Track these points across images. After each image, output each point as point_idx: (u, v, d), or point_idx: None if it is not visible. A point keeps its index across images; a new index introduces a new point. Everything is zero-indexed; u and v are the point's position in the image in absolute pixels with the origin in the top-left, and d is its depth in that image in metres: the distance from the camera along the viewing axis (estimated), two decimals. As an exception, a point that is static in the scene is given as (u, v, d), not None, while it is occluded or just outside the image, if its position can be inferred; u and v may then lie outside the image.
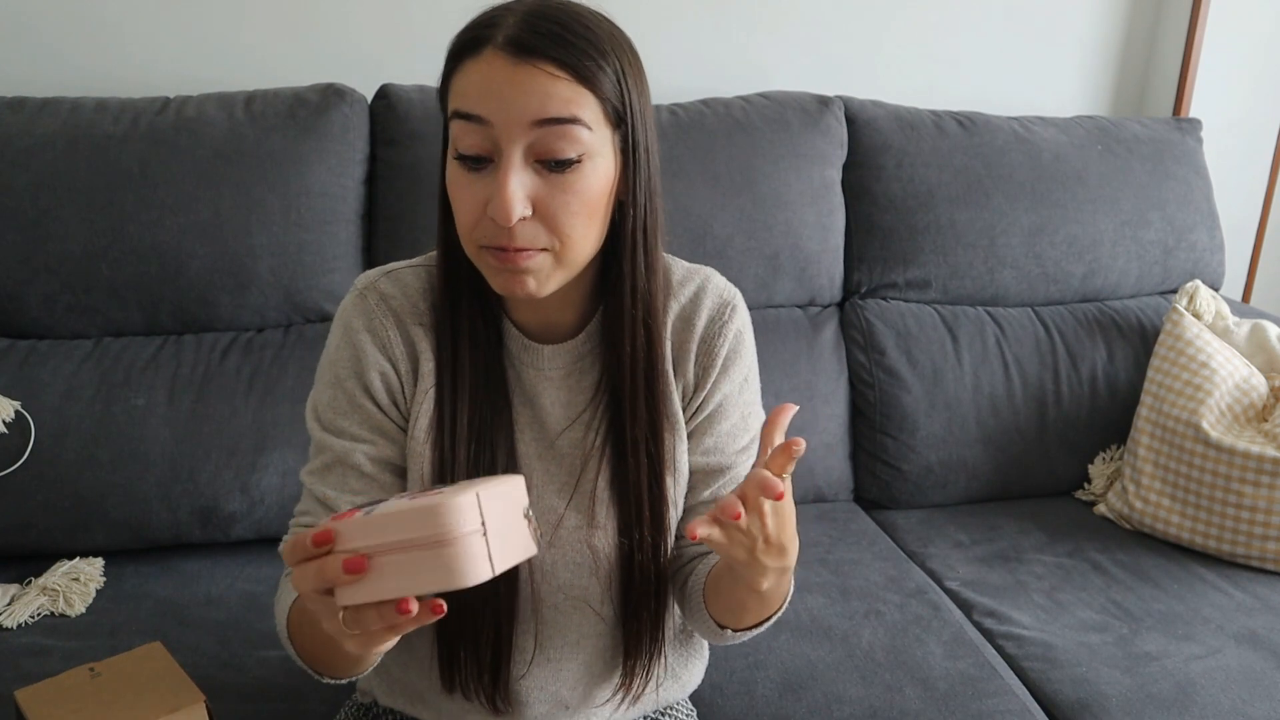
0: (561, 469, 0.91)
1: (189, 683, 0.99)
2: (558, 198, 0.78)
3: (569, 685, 0.94)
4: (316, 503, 0.89)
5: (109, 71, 1.65)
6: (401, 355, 0.89)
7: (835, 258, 1.73)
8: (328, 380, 0.90)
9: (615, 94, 0.79)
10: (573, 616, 0.93)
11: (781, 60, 1.91)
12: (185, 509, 1.40)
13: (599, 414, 0.90)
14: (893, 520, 1.65)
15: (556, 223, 0.78)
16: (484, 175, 0.78)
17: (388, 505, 0.65)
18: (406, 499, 0.66)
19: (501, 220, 0.76)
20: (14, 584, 1.34)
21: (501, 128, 0.76)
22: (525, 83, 0.75)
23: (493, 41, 0.77)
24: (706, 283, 0.93)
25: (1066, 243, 1.78)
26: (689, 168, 1.62)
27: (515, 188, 0.76)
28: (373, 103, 1.60)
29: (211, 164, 1.46)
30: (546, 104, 0.76)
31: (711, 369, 0.92)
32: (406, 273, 0.91)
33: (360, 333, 0.89)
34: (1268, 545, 1.49)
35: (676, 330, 0.92)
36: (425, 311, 0.89)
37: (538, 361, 0.90)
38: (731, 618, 0.88)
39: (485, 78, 0.76)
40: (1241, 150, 2.16)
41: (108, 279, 1.45)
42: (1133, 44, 2.09)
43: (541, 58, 0.76)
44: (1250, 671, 1.26)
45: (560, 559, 0.91)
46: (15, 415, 1.37)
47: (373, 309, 0.89)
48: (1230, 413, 1.58)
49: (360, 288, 0.91)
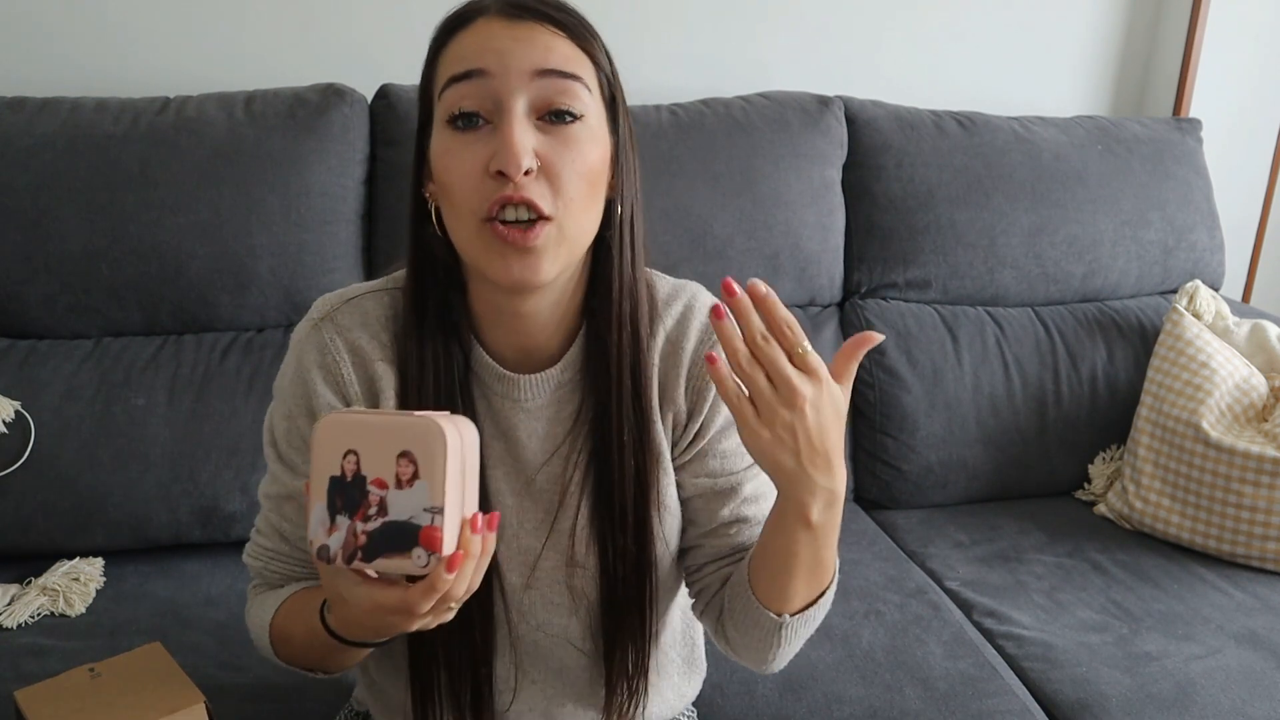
0: (539, 506, 0.86)
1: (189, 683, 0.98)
2: (561, 153, 0.74)
3: (557, 705, 0.93)
4: (273, 530, 0.89)
5: (109, 71, 1.65)
6: (357, 394, 0.84)
7: (835, 258, 1.73)
8: (282, 412, 0.86)
9: (608, 70, 0.79)
10: (554, 651, 0.90)
11: (781, 60, 1.91)
12: (185, 509, 1.40)
13: (579, 446, 0.85)
14: (893, 520, 1.65)
15: (561, 181, 0.74)
16: (481, 136, 0.74)
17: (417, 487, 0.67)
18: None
19: (511, 168, 0.71)
20: (14, 584, 1.34)
21: (501, 78, 0.73)
22: (525, 36, 0.74)
23: (485, 12, 0.75)
24: (693, 301, 0.88)
25: (1066, 243, 1.78)
26: (689, 168, 1.62)
27: (521, 135, 0.72)
28: (373, 103, 1.60)
29: (211, 164, 1.46)
30: (548, 55, 0.74)
31: (706, 393, 0.87)
32: (368, 299, 0.86)
33: (312, 370, 0.84)
34: (1268, 545, 1.49)
35: (664, 356, 0.86)
36: (387, 344, 0.84)
37: (514, 392, 0.85)
38: (783, 592, 0.81)
39: (482, 37, 0.74)
40: (1241, 150, 2.16)
41: (108, 279, 1.45)
42: (1133, 44, 2.09)
43: (540, 18, 0.75)
44: (1250, 671, 1.26)
45: (539, 599, 0.87)
46: (15, 415, 1.37)
47: (326, 344, 0.84)
48: (1230, 413, 1.58)
49: (315, 318, 0.85)
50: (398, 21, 1.73)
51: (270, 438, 0.88)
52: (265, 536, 0.91)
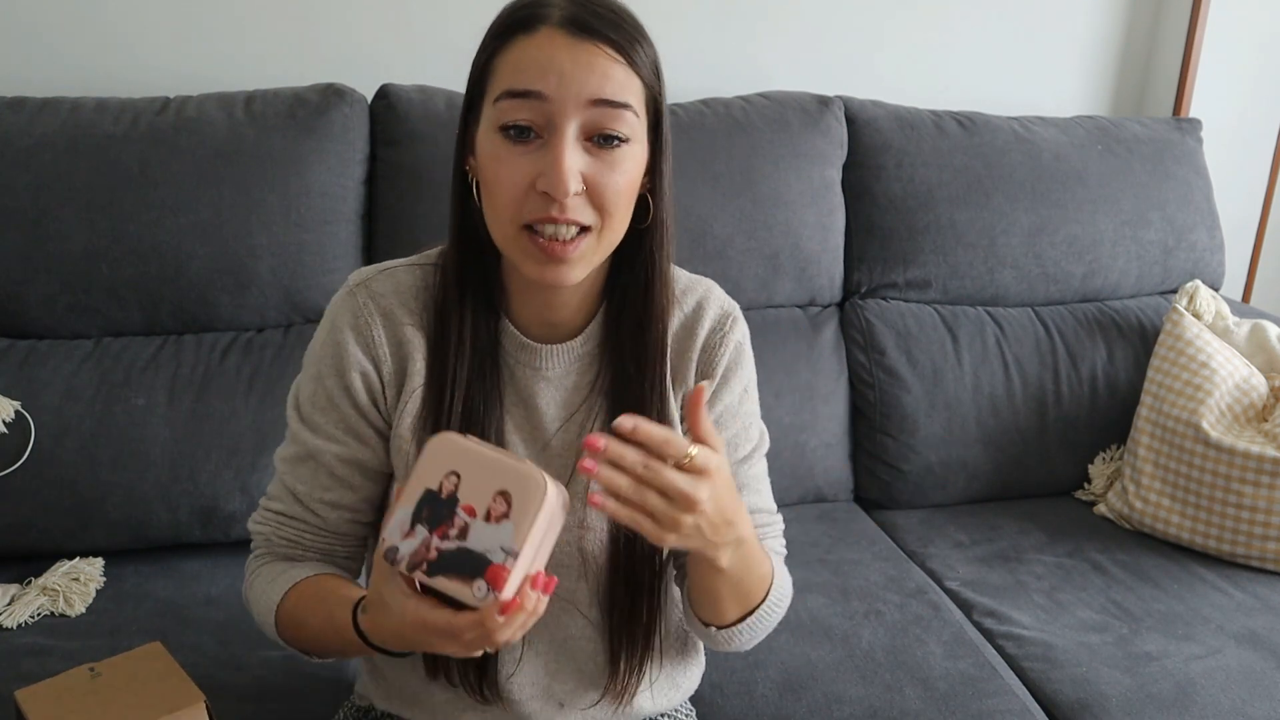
0: (553, 470, 0.89)
1: (189, 683, 0.98)
2: (606, 175, 0.78)
3: (560, 682, 0.94)
4: (286, 491, 0.92)
5: (109, 71, 1.65)
6: (386, 355, 0.88)
7: (835, 258, 1.73)
8: (311, 374, 0.91)
9: (655, 84, 0.81)
10: (559, 617, 0.92)
11: (781, 60, 1.91)
12: (185, 509, 1.40)
13: (594, 413, 0.90)
14: (893, 520, 1.65)
15: (604, 199, 0.79)
16: (530, 150, 0.77)
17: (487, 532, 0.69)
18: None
19: (559, 193, 0.76)
20: (14, 584, 1.34)
21: (559, 103, 0.76)
22: (586, 60, 0.76)
23: (548, 20, 0.77)
24: (709, 294, 0.94)
25: (1066, 243, 1.78)
26: (689, 168, 1.62)
27: (572, 160, 0.76)
28: (373, 103, 1.60)
29: (211, 164, 1.46)
30: (604, 84, 0.76)
31: (712, 379, 0.92)
32: (402, 271, 0.91)
33: (344, 330, 0.89)
34: (1268, 545, 1.49)
35: (679, 339, 0.92)
36: (418, 310, 0.89)
37: (535, 361, 0.90)
38: (714, 612, 0.88)
39: (545, 54, 0.76)
40: (1241, 150, 2.16)
41: (108, 279, 1.45)
42: (1133, 44, 2.09)
43: (601, 38, 0.77)
44: (1250, 671, 1.26)
45: (550, 561, 0.90)
46: (15, 415, 1.37)
47: (360, 307, 0.89)
48: (1230, 413, 1.58)
49: (352, 285, 0.90)
50: (398, 21, 1.73)
51: (294, 402, 0.92)
52: (277, 500, 0.93)
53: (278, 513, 0.93)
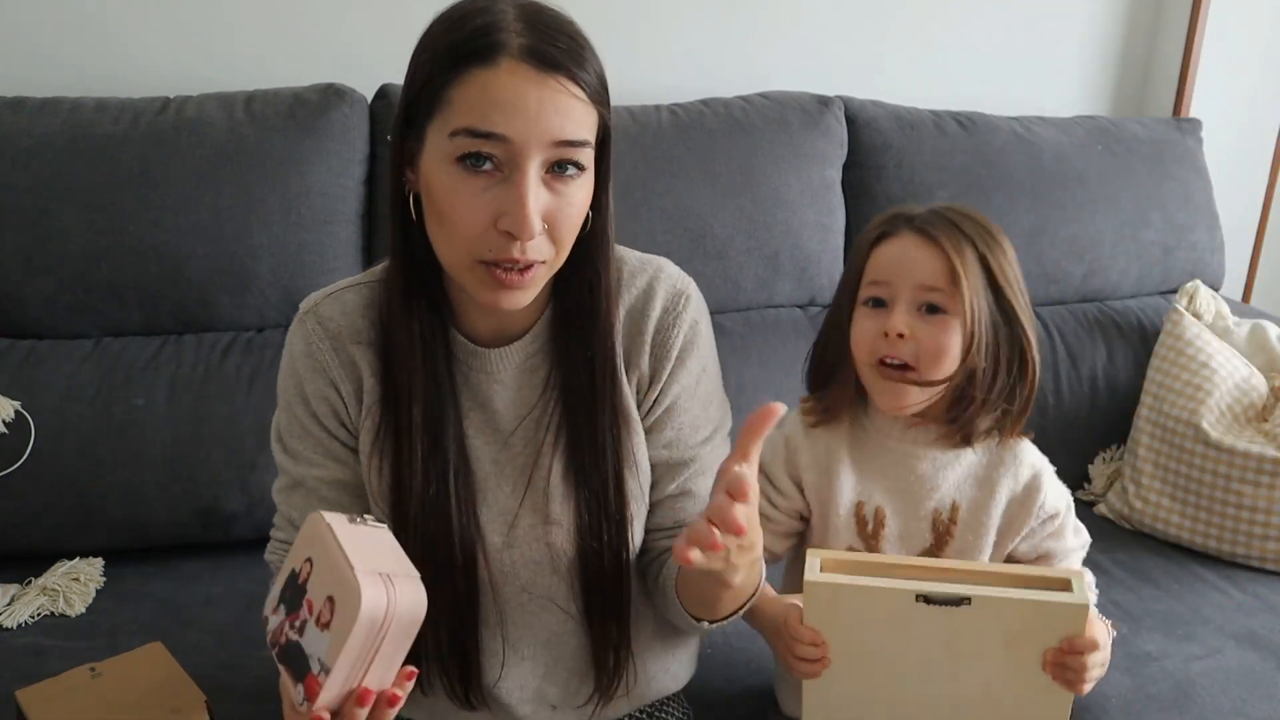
0: (515, 467, 0.90)
1: (189, 683, 0.99)
2: (564, 209, 0.78)
3: (551, 683, 0.94)
4: (286, 520, 0.94)
5: (109, 71, 1.65)
6: (342, 377, 0.89)
7: (835, 258, 1.73)
8: (282, 405, 0.93)
9: (604, 106, 0.80)
10: (541, 616, 0.93)
11: (781, 60, 1.91)
12: (185, 509, 1.40)
13: (550, 409, 0.90)
14: (893, 520, 1.65)
15: (561, 233, 0.79)
16: (491, 184, 0.76)
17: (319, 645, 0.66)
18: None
19: (524, 236, 0.75)
20: (14, 584, 1.34)
21: (521, 145, 0.75)
22: (550, 100, 0.75)
23: (506, 50, 0.74)
24: (659, 274, 0.93)
25: (1066, 243, 1.78)
26: (689, 168, 1.62)
27: (535, 202, 0.76)
28: (373, 103, 1.60)
29: (211, 164, 1.46)
30: (565, 124, 0.76)
31: (666, 361, 0.91)
32: (348, 292, 0.91)
33: (299, 359, 0.90)
34: (1268, 545, 1.49)
35: (630, 321, 0.91)
36: (365, 329, 0.89)
37: (486, 366, 0.90)
38: (706, 610, 0.89)
39: (507, 94, 0.74)
40: (1241, 150, 2.16)
41: (108, 279, 1.45)
42: (1133, 44, 2.09)
43: (562, 71, 0.75)
44: (1250, 671, 1.26)
45: (520, 558, 0.91)
46: (15, 415, 1.37)
47: (310, 334, 0.90)
48: (1230, 413, 1.58)
49: (301, 313, 0.92)
50: (397, 21, 1.73)
51: (276, 434, 0.94)
52: (280, 530, 0.95)
53: (283, 541, 0.94)
